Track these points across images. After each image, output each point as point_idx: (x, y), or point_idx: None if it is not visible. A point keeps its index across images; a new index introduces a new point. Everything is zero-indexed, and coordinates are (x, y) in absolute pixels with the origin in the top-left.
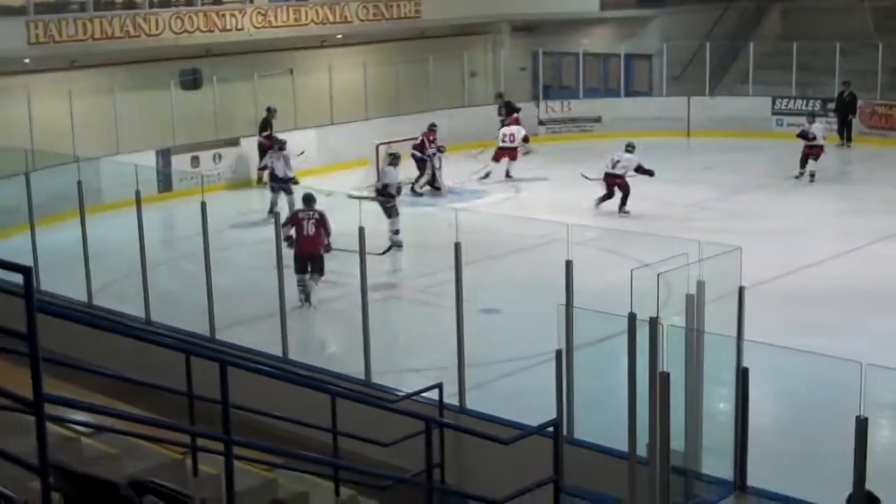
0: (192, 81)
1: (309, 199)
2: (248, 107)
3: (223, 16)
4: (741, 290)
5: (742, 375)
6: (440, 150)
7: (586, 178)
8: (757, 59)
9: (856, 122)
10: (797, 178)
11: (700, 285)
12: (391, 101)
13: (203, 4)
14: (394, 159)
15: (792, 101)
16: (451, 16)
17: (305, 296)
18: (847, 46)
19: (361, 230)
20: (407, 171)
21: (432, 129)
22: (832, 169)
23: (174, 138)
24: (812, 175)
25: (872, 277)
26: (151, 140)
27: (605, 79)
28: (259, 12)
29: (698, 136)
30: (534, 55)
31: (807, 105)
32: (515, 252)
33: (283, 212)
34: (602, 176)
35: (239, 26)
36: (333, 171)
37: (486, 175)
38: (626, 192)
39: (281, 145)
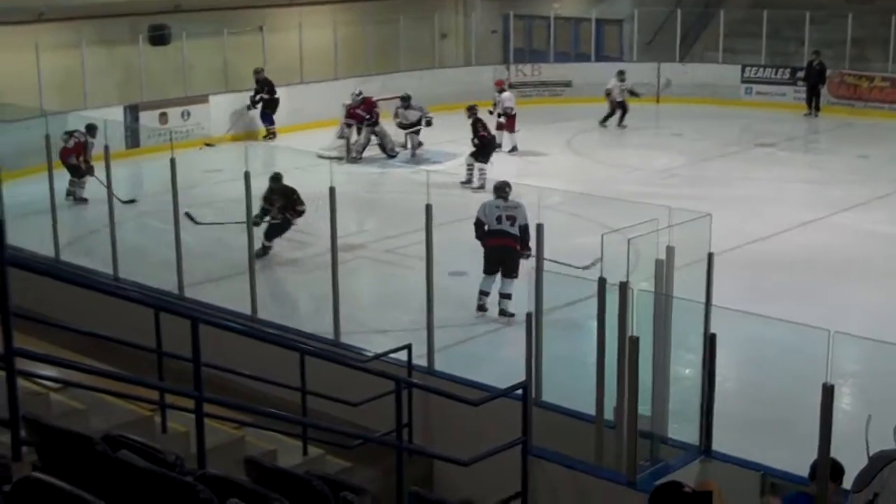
0: (160, 37)
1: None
2: (217, 63)
3: None
4: (710, 257)
5: (710, 341)
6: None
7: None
8: (728, 27)
9: (824, 92)
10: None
11: (669, 251)
12: (361, 62)
13: None
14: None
15: (762, 70)
16: None
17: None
18: (817, 15)
19: (332, 190)
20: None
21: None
22: (800, 138)
23: (142, 94)
24: None
25: (837, 247)
26: (119, 95)
27: (576, 43)
28: None
29: (668, 103)
30: (504, 18)
31: (776, 74)
32: None
33: None
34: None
35: None
36: (302, 130)
37: (514, 149)
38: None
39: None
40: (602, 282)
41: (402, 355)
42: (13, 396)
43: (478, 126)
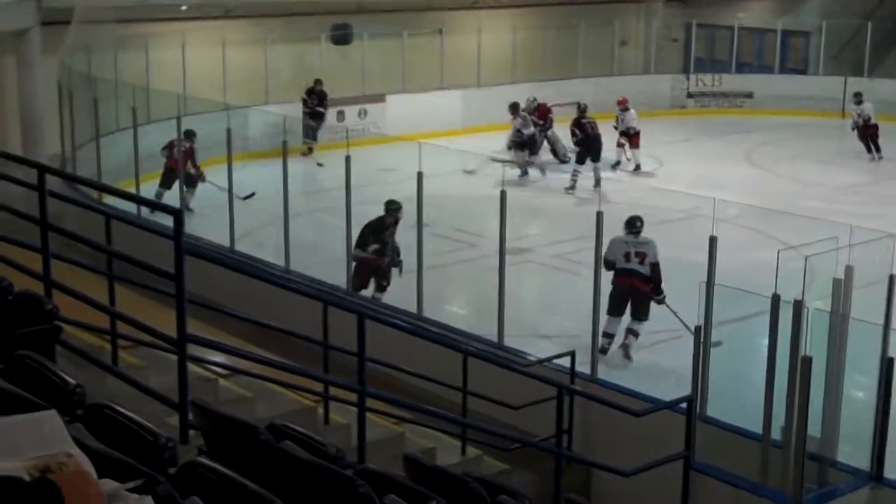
0: (342, 36)
1: None
2: (395, 64)
3: None
4: (892, 278)
5: (887, 365)
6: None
7: None
8: None
9: None
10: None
11: (848, 270)
12: (538, 66)
13: None
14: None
15: None
16: None
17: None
18: None
19: (503, 193)
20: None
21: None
22: None
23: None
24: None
25: None
26: (299, 92)
27: (759, 54)
28: None
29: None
30: (686, 26)
31: None
32: (656, 224)
33: None
34: None
35: None
36: (477, 133)
37: (637, 167)
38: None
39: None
40: (776, 298)
41: (566, 361)
42: (183, 381)
43: (575, 129)
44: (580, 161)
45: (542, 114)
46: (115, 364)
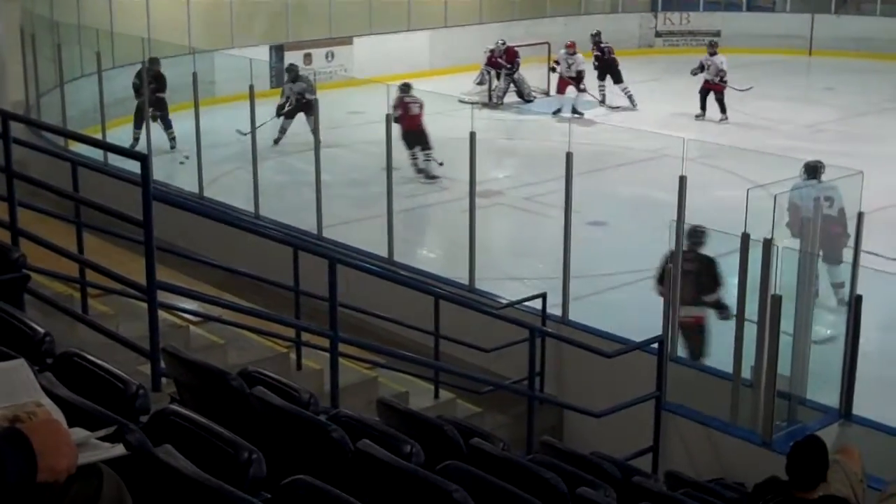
0: None
1: (407, 87)
2: (363, 5)
3: None
4: (860, 216)
5: (855, 302)
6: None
7: (737, 89)
8: None
9: None
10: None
11: (817, 207)
12: (506, 7)
13: None
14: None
15: None
16: None
17: (418, 169)
18: None
19: (472, 135)
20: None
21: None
22: None
23: (288, 35)
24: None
25: None
26: (265, 35)
27: None
28: None
29: (821, 56)
30: None
31: None
32: (625, 165)
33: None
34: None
35: None
36: (445, 74)
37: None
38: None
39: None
40: (745, 237)
41: (537, 304)
42: (154, 328)
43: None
44: (601, 78)
45: (510, 57)
46: (85, 313)
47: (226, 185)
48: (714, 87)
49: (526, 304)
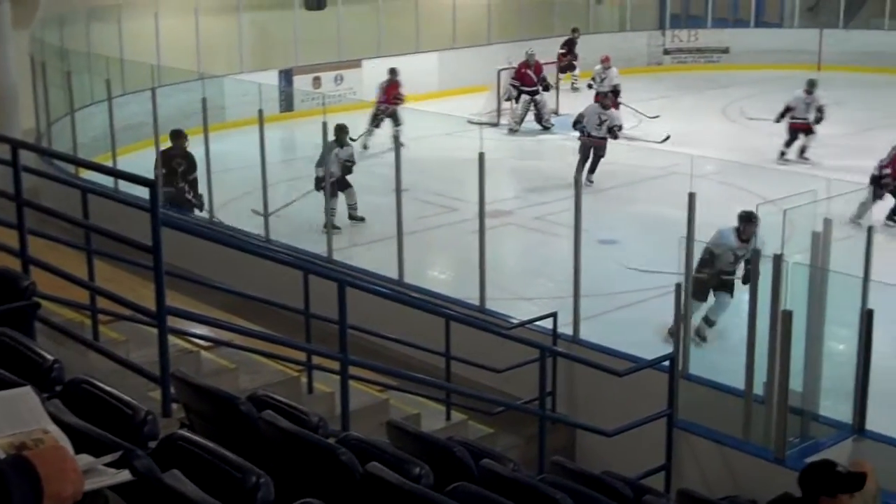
0: (315, 2)
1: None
2: (371, 28)
3: None
4: (870, 230)
5: (866, 317)
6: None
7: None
8: None
9: None
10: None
11: (827, 223)
12: (514, 26)
13: None
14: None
15: None
16: None
17: None
18: None
19: (481, 156)
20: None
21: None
22: None
23: (296, 59)
24: None
25: None
26: (274, 60)
27: (734, 9)
28: None
29: (829, 70)
30: None
31: None
32: (634, 183)
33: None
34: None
35: None
36: (454, 95)
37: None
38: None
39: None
40: (756, 253)
41: (548, 323)
42: (164, 354)
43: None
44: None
45: (537, 71)
46: (95, 339)
47: (236, 209)
48: (802, 127)
49: (537, 323)
